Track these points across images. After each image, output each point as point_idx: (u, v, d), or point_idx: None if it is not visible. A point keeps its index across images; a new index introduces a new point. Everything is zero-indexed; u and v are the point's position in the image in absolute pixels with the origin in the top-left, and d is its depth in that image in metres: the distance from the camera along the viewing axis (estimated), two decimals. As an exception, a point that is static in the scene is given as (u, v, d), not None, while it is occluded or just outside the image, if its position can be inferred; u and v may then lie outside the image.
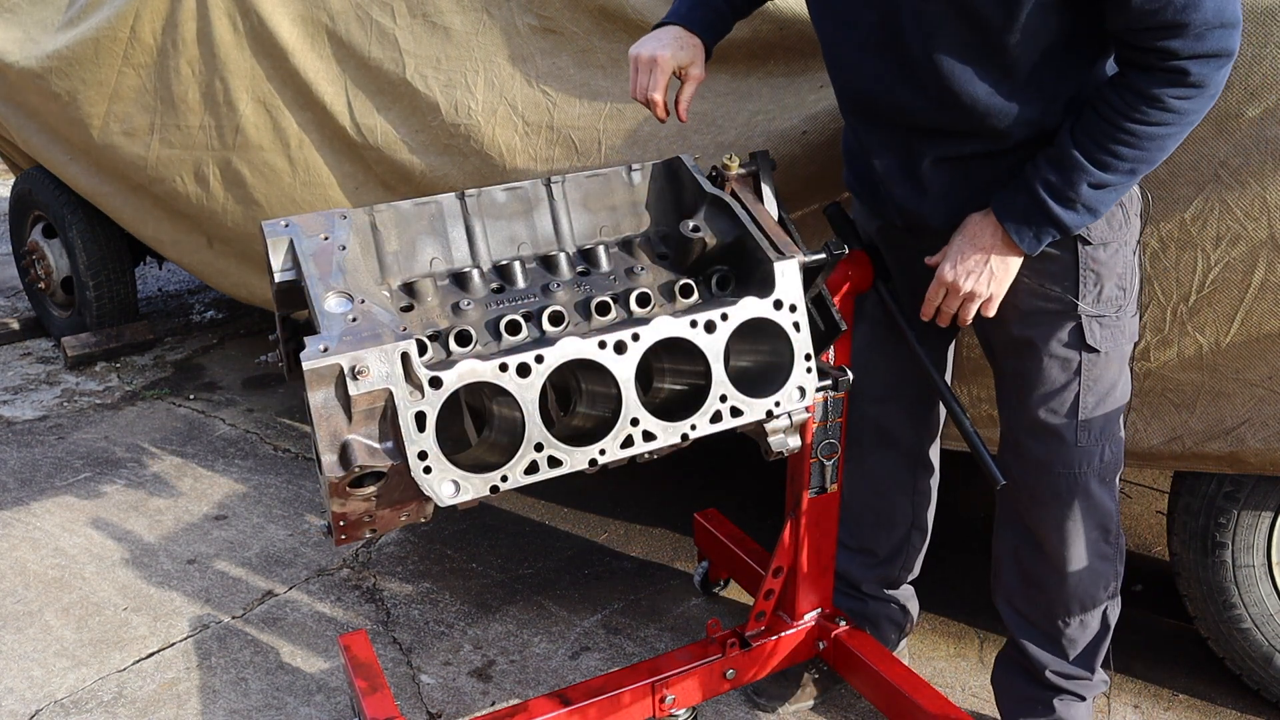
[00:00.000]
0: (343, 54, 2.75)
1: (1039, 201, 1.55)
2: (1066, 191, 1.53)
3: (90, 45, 3.29)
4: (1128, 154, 1.48)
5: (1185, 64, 1.39)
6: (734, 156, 1.60)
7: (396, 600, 2.62)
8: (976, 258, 1.62)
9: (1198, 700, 2.22)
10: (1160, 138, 1.47)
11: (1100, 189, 1.52)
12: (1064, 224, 1.56)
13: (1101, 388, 1.74)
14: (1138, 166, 1.50)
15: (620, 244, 1.61)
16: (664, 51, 1.71)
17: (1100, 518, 1.81)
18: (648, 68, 1.72)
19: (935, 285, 1.68)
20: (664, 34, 1.75)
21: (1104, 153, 1.48)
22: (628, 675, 1.99)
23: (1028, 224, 1.57)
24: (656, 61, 1.71)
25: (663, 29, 1.76)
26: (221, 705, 2.27)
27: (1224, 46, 1.39)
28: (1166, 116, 1.44)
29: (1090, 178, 1.50)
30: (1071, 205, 1.54)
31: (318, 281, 1.37)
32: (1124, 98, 1.45)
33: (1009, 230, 1.59)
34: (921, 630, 2.46)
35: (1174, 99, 1.43)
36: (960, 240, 1.65)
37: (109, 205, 3.69)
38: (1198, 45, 1.37)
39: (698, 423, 1.46)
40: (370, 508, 1.41)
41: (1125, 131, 1.46)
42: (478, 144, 2.48)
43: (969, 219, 1.65)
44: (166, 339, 4.50)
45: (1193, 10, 1.35)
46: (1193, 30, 1.36)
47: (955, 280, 1.64)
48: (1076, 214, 1.55)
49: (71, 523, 2.99)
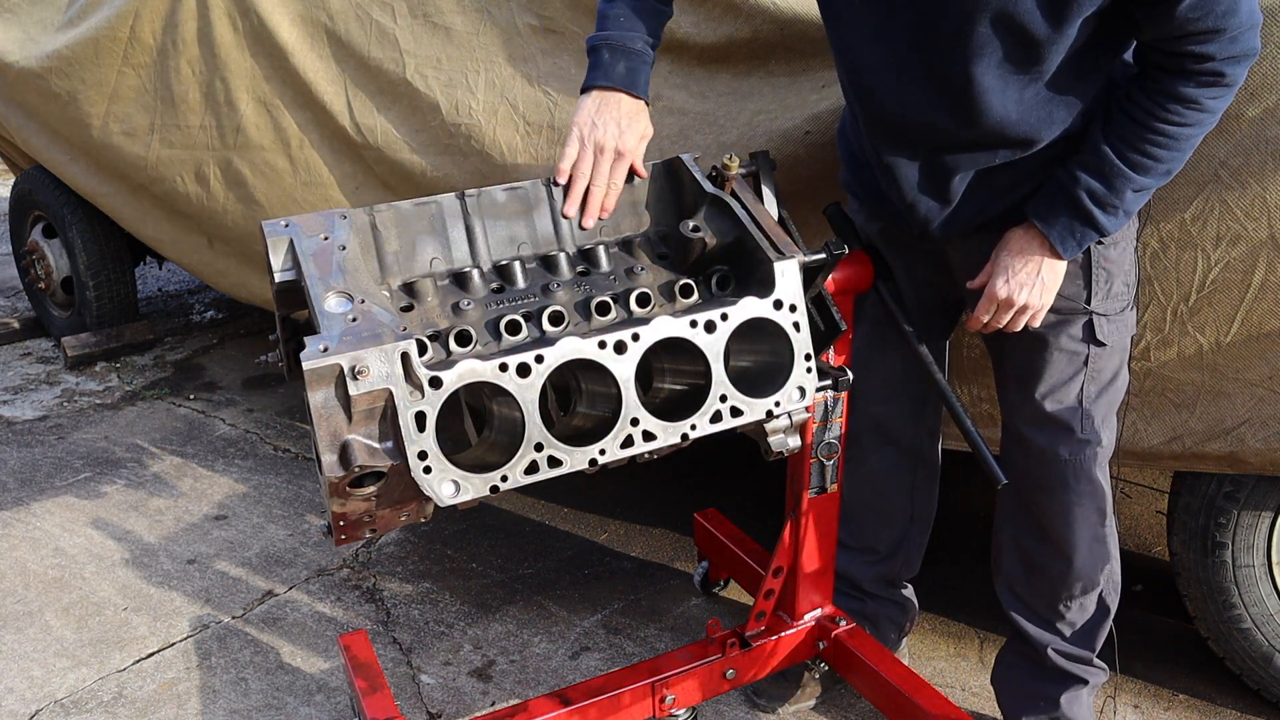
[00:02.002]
0: (343, 54, 2.75)
1: (1084, 212, 1.57)
2: (1112, 199, 1.55)
3: (90, 45, 3.29)
4: (1164, 155, 1.51)
5: (1220, 65, 1.42)
6: (734, 156, 1.60)
7: (396, 600, 2.62)
8: (1028, 271, 1.63)
9: (1198, 700, 2.22)
10: (1193, 136, 1.51)
11: (1140, 192, 1.56)
12: (1105, 229, 1.59)
13: (1104, 378, 1.77)
14: (1172, 166, 1.54)
15: (620, 244, 1.61)
16: (629, 142, 1.59)
17: (1098, 500, 1.84)
18: (610, 159, 1.59)
19: (987, 301, 1.68)
20: (615, 108, 1.61)
21: (1143, 155, 1.51)
22: (628, 675, 1.99)
23: (1072, 234, 1.60)
24: (622, 155, 1.59)
25: (608, 97, 1.62)
26: (221, 705, 2.27)
27: (1254, 46, 1.43)
28: (1200, 116, 1.48)
29: (1133, 184, 1.54)
30: (1114, 211, 1.57)
31: (318, 281, 1.37)
32: (1157, 101, 1.48)
33: (1053, 241, 1.60)
34: (921, 630, 2.46)
35: (1209, 99, 1.46)
36: (1007, 256, 1.65)
37: (109, 205, 3.69)
38: (1232, 47, 1.41)
39: (698, 423, 1.46)
40: (370, 508, 1.41)
41: (1161, 134, 1.49)
42: (478, 144, 2.48)
43: (1010, 234, 1.65)
44: (166, 339, 4.50)
45: (1231, 16, 1.38)
46: (1230, 34, 1.39)
47: (1010, 296, 1.65)
48: (1117, 219, 1.58)
49: (71, 523, 2.99)
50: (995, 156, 1.61)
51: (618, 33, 1.65)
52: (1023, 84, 1.51)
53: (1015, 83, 1.50)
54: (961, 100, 1.53)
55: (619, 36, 1.65)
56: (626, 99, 1.63)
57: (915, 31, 1.51)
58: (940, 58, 1.51)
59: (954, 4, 1.44)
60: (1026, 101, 1.52)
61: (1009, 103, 1.52)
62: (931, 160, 1.66)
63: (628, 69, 1.63)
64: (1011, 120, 1.54)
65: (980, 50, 1.47)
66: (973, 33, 1.45)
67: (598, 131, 1.60)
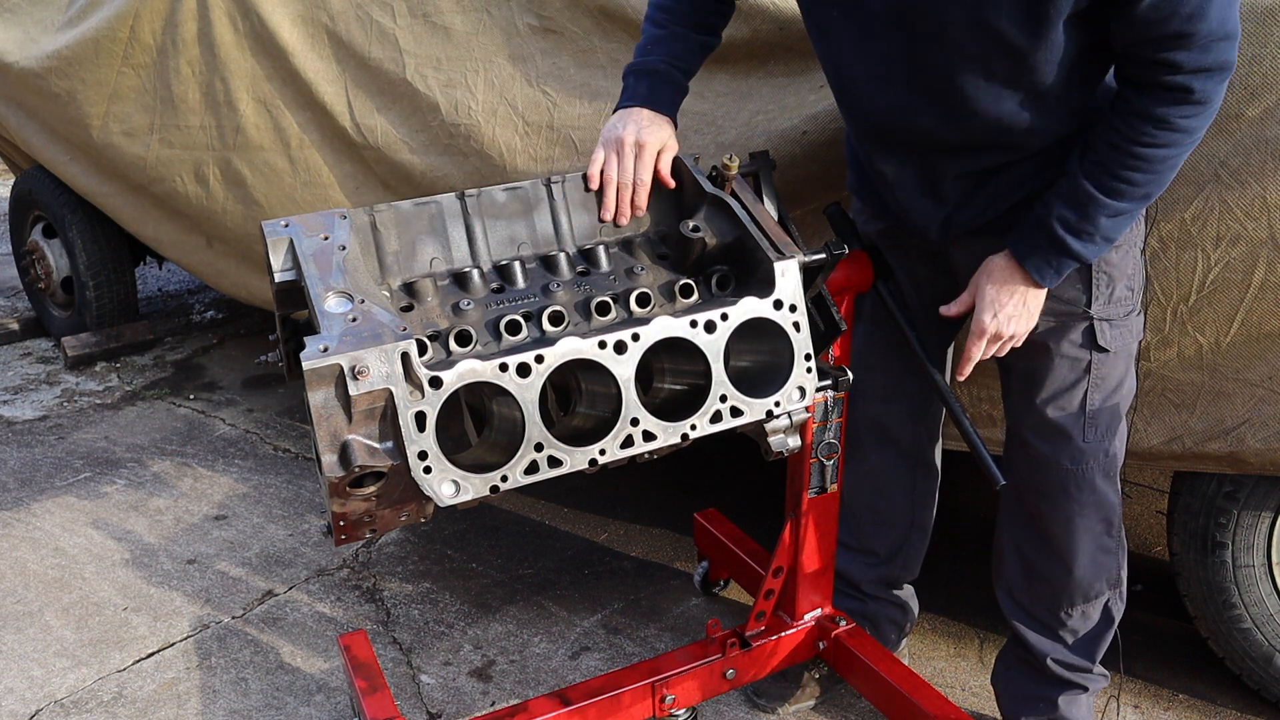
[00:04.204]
0: (343, 54, 2.75)
1: (1056, 240, 1.55)
2: (1085, 226, 1.53)
3: (90, 45, 3.29)
4: (1139, 179, 1.48)
5: (1188, 79, 1.38)
6: (734, 156, 1.60)
7: (396, 600, 2.62)
8: (1015, 303, 1.63)
9: (1198, 700, 2.22)
10: (1169, 159, 1.47)
11: (1116, 218, 1.53)
12: (1083, 257, 1.57)
13: (1108, 385, 1.75)
14: (1151, 190, 1.50)
15: (620, 244, 1.61)
16: (648, 136, 1.62)
17: (1104, 511, 1.83)
18: (632, 151, 1.61)
19: (975, 338, 1.67)
20: (635, 116, 1.65)
21: (1117, 180, 1.49)
22: (628, 675, 1.99)
23: (1049, 264, 1.58)
24: (643, 146, 1.61)
25: (629, 111, 1.67)
26: (221, 705, 2.27)
27: (1226, 59, 1.38)
28: (1174, 137, 1.44)
29: (1106, 210, 1.51)
30: (1090, 238, 1.54)
31: (318, 281, 1.37)
32: (1129, 122, 1.45)
33: (1030, 270, 1.59)
34: (921, 630, 2.46)
35: (1179, 118, 1.42)
36: (991, 288, 1.64)
37: (109, 205, 3.69)
38: (1202, 58, 1.37)
39: (698, 423, 1.46)
40: (370, 508, 1.41)
41: (1135, 157, 1.46)
42: (478, 144, 2.48)
43: (991, 264, 1.65)
44: (166, 339, 4.50)
45: (1198, 20, 1.34)
46: (1197, 41, 1.35)
47: (999, 330, 1.65)
48: (1095, 245, 1.56)
49: (71, 523, 2.99)
50: (988, 160, 1.60)
51: (640, 59, 1.74)
52: (1017, 93, 1.49)
53: (1007, 91, 1.49)
54: (951, 107, 1.53)
55: (641, 62, 1.73)
56: (647, 112, 1.67)
57: (902, 42, 1.51)
58: (928, 67, 1.51)
59: (936, 16, 1.44)
60: (1018, 108, 1.51)
61: (1003, 110, 1.51)
62: (925, 166, 1.66)
63: (650, 88, 1.70)
64: (1003, 127, 1.53)
65: (962, 56, 1.46)
66: (958, 43, 1.45)
67: (616, 131, 1.64)
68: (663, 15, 1.75)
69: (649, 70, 1.71)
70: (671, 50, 1.73)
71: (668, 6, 1.76)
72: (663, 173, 1.63)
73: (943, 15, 1.43)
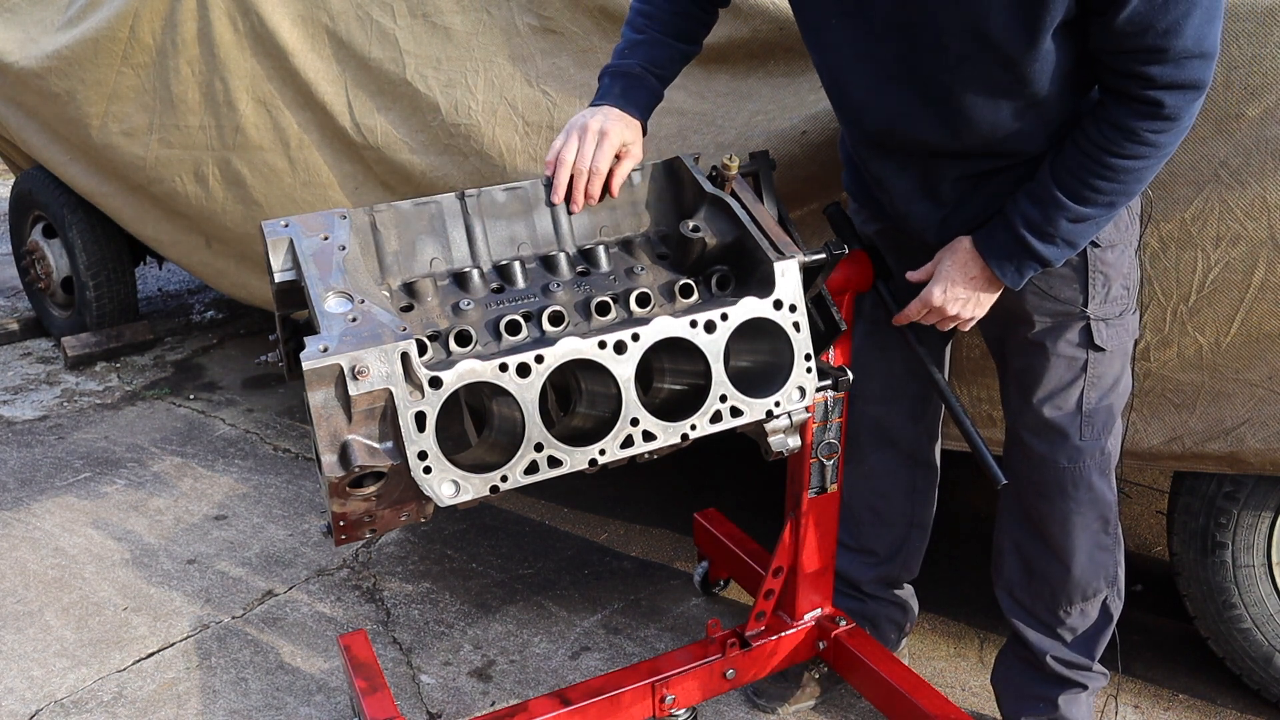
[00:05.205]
0: (343, 54, 2.75)
1: (1019, 238, 1.57)
2: (1045, 227, 1.55)
3: (90, 45, 3.29)
4: (1105, 187, 1.50)
5: (1161, 94, 1.40)
6: (734, 156, 1.60)
7: (396, 600, 2.62)
8: (966, 287, 1.65)
9: (1198, 700, 2.22)
10: (1136, 170, 1.48)
11: (1078, 223, 1.54)
12: (1044, 258, 1.58)
13: (1105, 384, 1.76)
14: (1116, 199, 1.52)
15: (620, 244, 1.61)
16: (611, 128, 1.61)
17: (1100, 509, 1.83)
18: (595, 139, 1.59)
19: (920, 304, 1.70)
20: (605, 111, 1.65)
21: (1083, 187, 1.50)
22: (628, 675, 1.99)
23: (1009, 259, 1.60)
24: (605, 135, 1.60)
25: (599, 107, 1.66)
26: (221, 705, 2.27)
27: (1200, 77, 1.39)
28: (1142, 150, 1.46)
29: (1068, 213, 1.53)
30: (1051, 240, 1.56)
31: (318, 281, 1.37)
32: (1101, 131, 1.47)
33: (992, 266, 1.61)
34: (921, 630, 2.46)
35: (1149, 132, 1.44)
36: (951, 267, 1.66)
37: (109, 205, 3.69)
38: (1176, 74, 1.38)
39: (698, 423, 1.46)
40: (370, 508, 1.41)
41: (1103, 165, 1.48)
42: (478, 144, 2.48)
43: (959, 244, 1.66)
44: (166, 339, 4.50)
45: (1173, 36, 1.34)
46: (1171, 57, 1.36)
47: (944, 306, 1.67)
48: (1056, 248, 1.57)
49: (71, 523, 2.99)
50: (986, 165, 1.61)
51: (617, 61, 1.74)
52: (1015, 100, 1.50)
53: (1005, 99, 1.50)
54: (949, 115, 1.54)
55: (618, 65, 1.73)
56: (616, 110, 1.67)
57: (899, 49, 1.51)
58: (927, 76, 1.51)
59: (933, 24, 1.44)
60: (1015, 116, 1.52)
61: (1000, 117, 1.52)
62: (923, 170, 1.66)
63: (624, 89, 1.70)
64: (1000, 134, 1.54)
65: (960, 65, 1.47)
66: (957, 53, 1.46)
67: (582, 119, 1.64)
68: (643, 20, 1.75)
69: (624, 72, 1.71)
70: (650, 55, 1.73)
71: (649, 12, 1.75)
72: (614, 180, 1.62)
73: (942, 26, 1.43)
